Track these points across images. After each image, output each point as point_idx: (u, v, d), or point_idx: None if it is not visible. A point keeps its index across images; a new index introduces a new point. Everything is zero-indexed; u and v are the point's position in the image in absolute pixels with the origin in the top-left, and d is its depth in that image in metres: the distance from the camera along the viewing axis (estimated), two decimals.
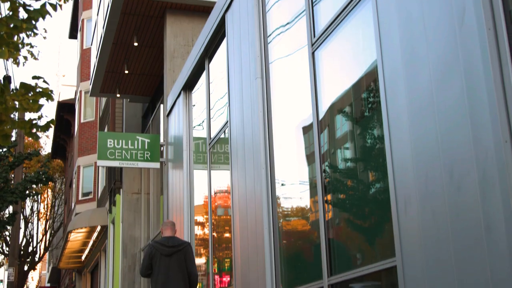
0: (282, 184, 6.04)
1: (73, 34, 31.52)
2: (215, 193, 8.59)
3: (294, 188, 5.80)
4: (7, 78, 14.40)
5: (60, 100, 34.07)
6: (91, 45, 18.14)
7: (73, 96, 33.79)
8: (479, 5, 3.07)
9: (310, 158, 5.37)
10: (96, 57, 15.14)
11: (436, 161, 3.36)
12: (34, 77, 5.75)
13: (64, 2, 6.37)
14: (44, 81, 5.79)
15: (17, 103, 5.69)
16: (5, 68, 13.82)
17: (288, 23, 6.09)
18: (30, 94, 5.63)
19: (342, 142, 4.87)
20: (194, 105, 10.05)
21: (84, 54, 24.49)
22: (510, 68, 2.94)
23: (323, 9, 5.25)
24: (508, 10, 3.02)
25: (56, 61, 51.00)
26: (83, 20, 25.10)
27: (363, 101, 4.53)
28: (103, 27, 13.70)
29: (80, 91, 25.50)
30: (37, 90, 5.62)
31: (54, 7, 5.79)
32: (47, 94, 5.65)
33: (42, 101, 6.00)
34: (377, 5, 4.10)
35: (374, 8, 4.13)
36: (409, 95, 3.66)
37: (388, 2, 3.97)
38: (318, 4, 5.33)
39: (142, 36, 13.66)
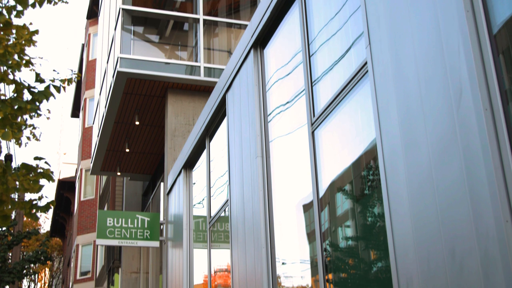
0: (283, 263, 5.98)
1: (75, 113, 31.90)
2: (215, 272, 8.49)
3: (295, 267, 5.74)
4: (9, 157, 14.48)
5: (61, 178, 34.09)
6: (93, 123, 18.33)
7: (73, 174, 33.83)
8: (475, 86, 3.14)
9: (310, 236, 5.34)
10: (98, 136, 15.27)
11: (437, 239, 3.34)
12: (36, 158, 5.80)
13: (68, 84, 6.51)
14: (46, 162, 5.84)
15: (17, 183, 5.71)
16: (7, 147, 13.92)
17: (288, 102, 6.18)
18: (31, 175, 5.67)
19: (343, 220, 4.85)
20: (194, 183, 10.07)
21: (86, 133, 24.71)
22: (508, 147, 2.97)
23: (322, 88, 5.35)
24: (503, 90, 3.09)
25: (58, 139, 51.37)
26: (85, 99, 25.46)
27: (363, 179, 4.55)
28: (105, 107, 13.89)
29: (81, 169, 25.57)
30: (38, 171, 5.66)
31: (58, 89, 5.91)
32: (48, 175, 5.69)
33: (43, 181, 6.06)
34: (375, 85, 4.18)
35: (372, 88, 4.21)
36: (409, 172, 3.68)
37: (386, 82, 4.04)
38: (317, 84, 5.43)
39: (143, 115, 13.82)
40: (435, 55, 3.50)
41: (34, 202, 5.82)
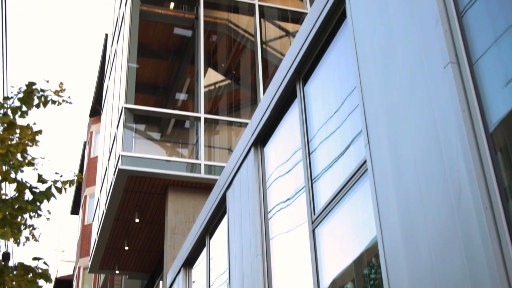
0: None
1: (75, 210, 31.81)
2: None
3: None
4: (7, 256, 14.33)
5: (58, 276, 33.54)
6: (93, 221, 18.25)
7: (71, 272, 33.30)
8: (474, 185, 3.16)
9: None
10: (97, 233, 15.16)
11: None
12: (35, 258, 5.76)
13: (70, 186, 6.56)
14: (44, 263, 5.79)
15: (15, 283, 5.64)
16: (5, 245, 13.80)
17: (288, 199, 6.18)
18: (29, 276, 5.60)
19: None
20: (194, 282, 9.91)
21: (85, 230, 24.54)
22: (509, 244, 2.96)
23: (322, 186, 5.37)
24: (503, 188, 3.10)
25: (56, 236, 50.93)
26: (86, 197, 25.46)
27: (365, 277, 4.50)
28: (105, 204, 13.88)
29: (79, 267, 25.21)
30: (37, 271, 5.61)
31: (59, 190, 5.94)
32: (46, 275, 5.63)
33: (41, 282, 6.00)
34: (375, 183, 4.20)
35: (372, 186, 4.23)
36: (410, 270, 3.65)
37: (386, 181, 4.07)
38: (317, 182, 5.46)
39: (143, 213, 13.79)
40: (433, 154, 3.54)
41: None
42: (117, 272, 15.93)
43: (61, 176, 6.40)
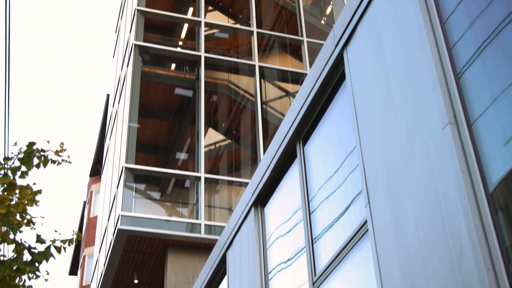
0: None
1: (73, 271, 31.43)
2: None
3: None
4: None
5: None
6: (91, 282, 18.01)
7: None
8: (476, 245, 3.14)
9: None
10: None
11: None
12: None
13: (69, 245, 6.52)
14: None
15: None
16: None
17: (288, 260, 6.13)
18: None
19: None
20: None
21: None
22: None
23: (323, 247, 5.33)
24: (504, 248, 3.08)
25: None
26: (84, 257, 25.21)
27: None
28: (104, 264, 13.74)
29: None
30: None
31: (58, 250, 5.91)
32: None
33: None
34: (376, 244, 4.18)
35: (373, 247, 4.21)
36: None
37: (387, 242, 4.05)
38: (318, 242, 5.43)
39: (142, 273, 13.64)
40: (434, 214, 3.54)
41: None
42: None
43: (59, 234, 6.37)
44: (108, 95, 23.90)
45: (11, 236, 5.90)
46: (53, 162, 6.99)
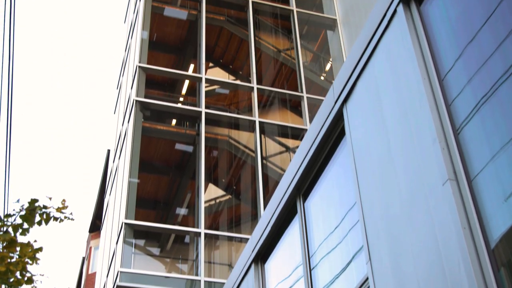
0: None
1: None
2: None
3: None
4: None
5: None
6: None
7: None
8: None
9: None
10: None
11: None
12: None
13: None
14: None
15: None
16: None
17: None
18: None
19: None
20: None
21: None
22: None
23: None
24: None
25: None
26: None
27: None
28: None
29: None
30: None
31: None
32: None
33: None
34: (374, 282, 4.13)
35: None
36: None
37: (385, 278, 4.00)
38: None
39: None
40: (436, 272, 3.51)
41: None
42: None
43: None
44: (108, 151, 23.97)
45: None
46: (55, 219, 6.96)
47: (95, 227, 27.04)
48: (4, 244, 6.14)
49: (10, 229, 6.43)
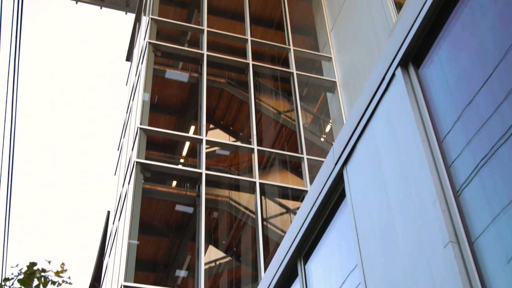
0: None
1: None
2: None
3: None
4: None
5: None
6: None
7: None
8: None
9: None
10: None
11: None
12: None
13: None
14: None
15: None
16: None
17: None
18: None
19: None
20: None
21: None
22: None
23: None
24: None
25: None
26: None
27: None
28: None
29: None
30: None
31: None
32: None
33: None
34: None
35: None
36: None
37: None
38: None
39: None
40: None
41: None
42: None
43: None
44: (108, 212, 23.87)
45: None
46: (53, 283, 6.89)
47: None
48: None
49: None
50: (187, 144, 18.87)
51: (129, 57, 25.54)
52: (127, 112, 21.75)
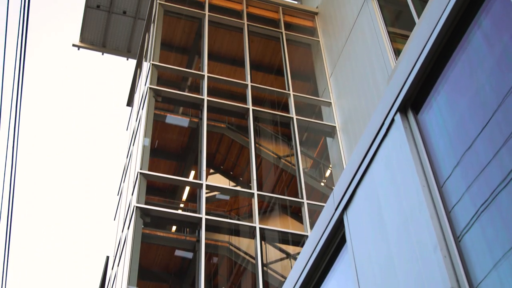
0: None
1: None
2: None
3: None
4: None
5: None
6: None
7: None
8: None
9: None
10: None
11: None
12: None
13: None
14: None
15: None
16: None
17: None
18: None
19: None
20: None
21: None
22: None
23: None
24: None
25: None
26: None
27: None
28: None
29: None
30: None
31: None
32: None
33: None
34: None
35: None
36: None
37: None
38: None
39: None
40: None
41: None
42: None
43: None
44: (107, 257, 23.69)
45: None
46: None
47: None
48: None
49: None
50: (187, 188, 18.84)
51: (130, 102, 25.73)
52: (127, 157, 21.79)
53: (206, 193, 17.32)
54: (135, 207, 15.78)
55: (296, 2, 25.33)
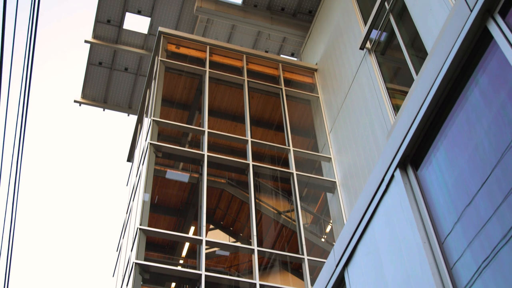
0: None
1: None
2: None
3: None
4: None
5: None
6: None
7: None
8: None
9: None
10: None
11: None
12: None
13: None
14: None
15: None
16: None
17: None
18: None
19: None
20: None
21: None
22: None
23: None
24: None
25: None
26: None
27: None
28: None
29: None
30: None
31: None
32: None
33: None
34: None
35: None
36: None
37: None
38: None
39: None
40: None
41: None
42: None
43: None
44: None
45: None
46: None
47: None
48: None
49: None
50: (187, 244, 18.69)
51: (130, 158, 25.78)
52: (127, 213, 21.71)
53: (206, 249, 17.18)
54: (134, 263, 15.62)
55: (295, 59, 25.70)
